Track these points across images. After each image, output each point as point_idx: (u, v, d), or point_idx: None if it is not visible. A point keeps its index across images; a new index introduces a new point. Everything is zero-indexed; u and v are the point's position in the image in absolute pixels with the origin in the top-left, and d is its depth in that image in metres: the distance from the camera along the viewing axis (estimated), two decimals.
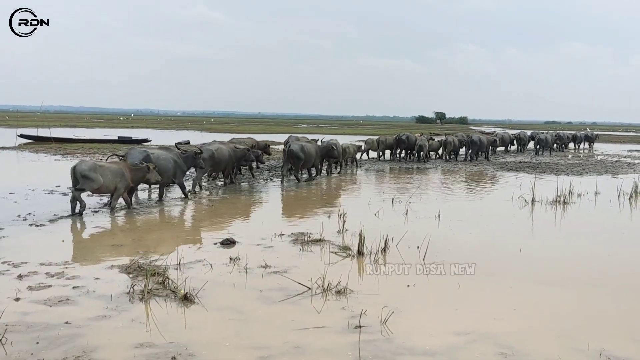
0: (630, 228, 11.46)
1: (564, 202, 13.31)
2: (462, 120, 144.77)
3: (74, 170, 10.59)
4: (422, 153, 25.45)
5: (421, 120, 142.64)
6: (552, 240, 9.95)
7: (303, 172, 17.55)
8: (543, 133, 36.68)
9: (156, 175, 11.68)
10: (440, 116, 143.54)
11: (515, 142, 35.05)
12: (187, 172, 13.96)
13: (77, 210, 10.60)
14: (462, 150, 28.01)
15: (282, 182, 16.43)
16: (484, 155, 27.95)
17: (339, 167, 20.02)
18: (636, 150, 38.86)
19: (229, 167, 15.47)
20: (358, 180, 18.64)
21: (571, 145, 40.97)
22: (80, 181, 10.45)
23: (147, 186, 13.76)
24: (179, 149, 13.86)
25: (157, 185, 12.66)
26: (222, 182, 15.88)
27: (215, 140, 17.50)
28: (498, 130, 48.99)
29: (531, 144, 36.45)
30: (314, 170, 17.80)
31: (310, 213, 11.99)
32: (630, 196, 14.40)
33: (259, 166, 19.32)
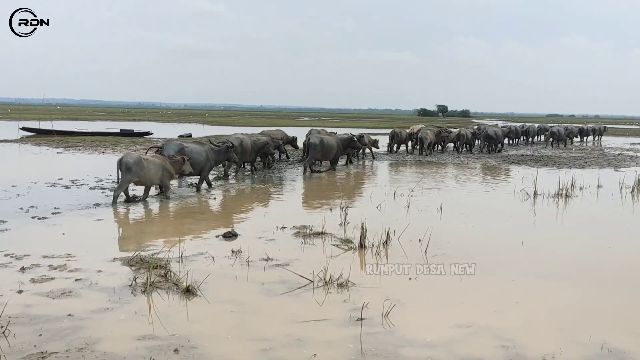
0: (632, 221, 11.44)
1: (566, 195, 13.29)
2: (465, 114, 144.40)
3: (120, 163, 11.03)
4: (423, 146, 25.35)
5: (423, 113, 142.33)
6: (554, 233, 9.94)
7: (320, 163, 18.52)
8: (555, 126, 36.94)
9: (189, 167, 12.30)
10: (443, 109, 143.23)
11: (524, 135, 35.43)
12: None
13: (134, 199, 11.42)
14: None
15: (304, 173, 17.06)
16: (499, 148, 28.14)
17: (358, 157, 21.26)
18: (639, 144, 38.71)
19: (252, 157, 16.72)
20: (368, 172, 18.64)
21: (576, 138, 40.76)
22: (123, 173, 10.97)
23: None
24: (212, 143, 14.40)
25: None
26: (249, 171, 17.14)
27: (236, 133, 18.31)
28: (501, 123, 48.96)
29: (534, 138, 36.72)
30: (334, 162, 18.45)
31: (312, 205, 12.00)
32: (633, 189, 14.36)
33: (287, 156, 21.11)
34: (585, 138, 41.48)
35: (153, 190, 13.16)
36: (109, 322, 5.31)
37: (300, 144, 20.28)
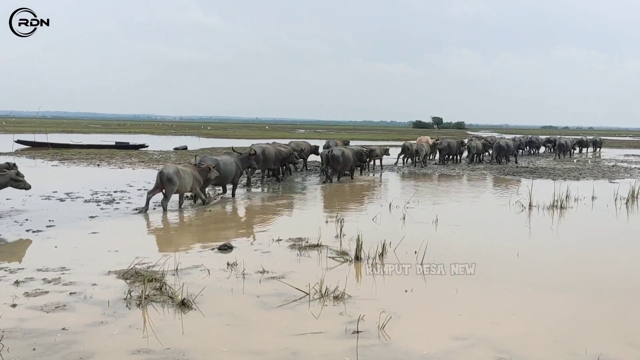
0: (627, 232, 11.47)
1: (561, 206, 13.34)
2: (460, 126, 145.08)
3: (162, 175, 11.78)
4: (418, 158, 25.45)
5: (418, 125, 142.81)
6: (550, 244, 9.97)
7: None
8: (563, 137, 38.17)
9: (215, 174, 13.10)
10: (438, 121, 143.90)
11: (527, 145, 36.64)
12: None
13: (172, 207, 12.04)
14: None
15: (324, 182, 18.02)
16: (512, 159, 28.78)
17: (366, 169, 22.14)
18: (633, 155, 38.97)
19: (276, 165, 17.66)
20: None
21: (574, 150, 41.34)
22: (166, 185, 11.75)
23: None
24: (234, 151, 15.28)
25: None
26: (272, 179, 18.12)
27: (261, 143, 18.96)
28: (496, 135, 49.37)
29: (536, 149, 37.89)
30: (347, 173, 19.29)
31: (308, 217, 11.99)
32: (627, 201, 14.44)
33: (306, 167, 22.25)
34: (585, 150, 41.98)
35: (150, 203, 13.12)
36: (103, 336, 5.27)
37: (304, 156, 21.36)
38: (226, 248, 8.63)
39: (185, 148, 33.73)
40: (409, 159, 25.85)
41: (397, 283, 7.09)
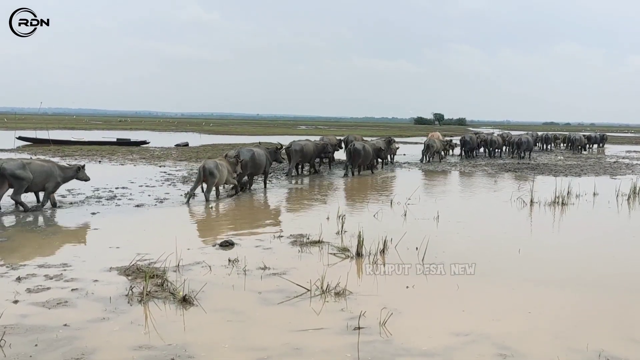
0: (628, 229, 11.46)
1: (562, 203, 13.32)
2: (461, 122, 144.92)
3: (204, 169, 12.65)
4: (427, 153, 25.80)
5: (419, 121, 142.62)
6: (551, 241, 9.96)
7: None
8: (577, 134, 39.85)
9: (240, 168, 14.02)
10: (439, 117, 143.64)
11: (542, 142, 38.18)
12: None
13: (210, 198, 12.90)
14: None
15: (346, 175, 19.07)
16: (528, 155, 29.80)
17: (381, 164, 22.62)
18: (634, 151, 38.91)
19: (313, 159, 19.39)
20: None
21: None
22: (208, 178, 12.67)
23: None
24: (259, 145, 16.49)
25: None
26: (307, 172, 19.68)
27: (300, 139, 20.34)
28: (497, 132, 49.42)
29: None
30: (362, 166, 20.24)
31: (310, 213, 11.99)
32: (629, 197, 14.42)
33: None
34: (593, 145, 42.15)
35: (151, 200, 13.12)
36: (105, 332, 5.28)
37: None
38: (227, 244, 8.63)
39: (186, 144, 33.72)
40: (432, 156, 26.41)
41: (398, 279, 7.09)
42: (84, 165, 12.64)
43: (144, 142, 34.21)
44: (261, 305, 6.12)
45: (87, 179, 12.53)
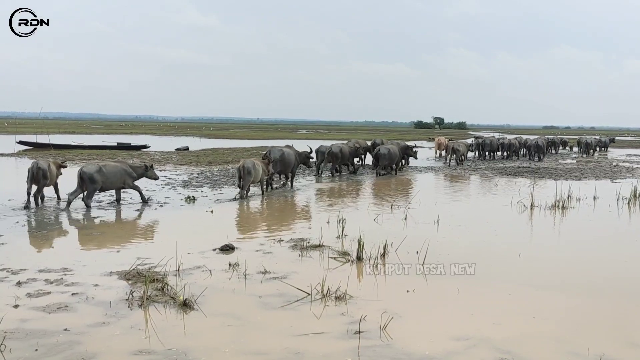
0: (628, 233, 11.45)
1: (562, 207, 13.31)
2: (461, 126, 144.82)
3: (243, 169, 13.58)
4: (452, 156, 26.79)
5: (419, 125, 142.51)
6: (551, 245, 9.95)
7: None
8: (588, 137, 40.86)
9: (271, 168, 15.04)
10: (439, 121, 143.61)
11: (550, 146, 38.50)
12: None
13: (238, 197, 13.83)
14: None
15: (376, 175, 20.50)
16: (540, 157, 31.09)
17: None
18: (635, 155, 38.89)
19: (349, 160, 21.20)
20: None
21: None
22: (245, 177, 13.59)
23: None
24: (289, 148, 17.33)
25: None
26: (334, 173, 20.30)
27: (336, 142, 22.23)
28: (497, 135, 49.60)
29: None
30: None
31: (311, 218, 11.99)
32: (629, 201, 14.41)
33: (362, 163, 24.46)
34: (601, 149, 42.48)
35: (152, 204, 13.12)
36: (105, 337, 5.28)
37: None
38: (228, 249, 8.63)
39: (187, 149, 33.74)
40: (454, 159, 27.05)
41: (399, 283, 7.08)
42: (152, 165, 13.45)
43: (145, 147, 34.24)
44: (261, 310, 6.11)
45: (156, 178, 13.63)
